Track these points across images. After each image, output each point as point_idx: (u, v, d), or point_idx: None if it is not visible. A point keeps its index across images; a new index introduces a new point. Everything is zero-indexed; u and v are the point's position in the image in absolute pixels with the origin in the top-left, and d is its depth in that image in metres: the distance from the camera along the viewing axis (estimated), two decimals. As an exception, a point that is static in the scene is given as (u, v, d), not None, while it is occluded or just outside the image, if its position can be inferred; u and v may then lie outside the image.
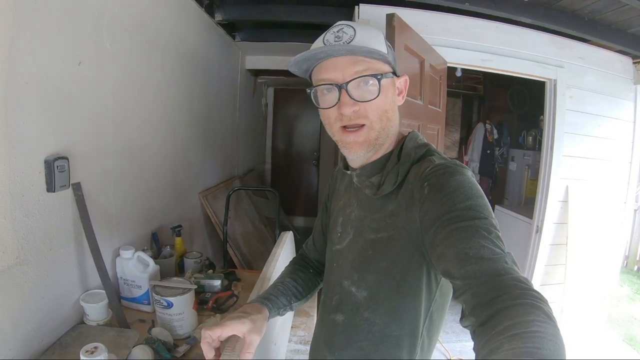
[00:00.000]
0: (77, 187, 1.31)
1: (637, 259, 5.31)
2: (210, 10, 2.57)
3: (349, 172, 0.88)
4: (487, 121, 4.61)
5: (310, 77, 0.82)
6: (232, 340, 0.77)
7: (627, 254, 5.28)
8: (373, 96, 0.74)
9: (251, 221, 3.44)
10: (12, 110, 1.05)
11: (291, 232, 1.76)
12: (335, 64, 0.74)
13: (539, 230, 2.99)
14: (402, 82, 0.83)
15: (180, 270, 1.85)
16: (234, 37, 3.27)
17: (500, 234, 0.61)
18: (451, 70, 2.80)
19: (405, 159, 0.78)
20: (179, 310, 1.34)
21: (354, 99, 0.74)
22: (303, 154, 6.24)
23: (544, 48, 2.76)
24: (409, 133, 0.84)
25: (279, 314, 0.91)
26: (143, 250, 1.57)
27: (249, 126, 4.47)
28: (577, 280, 2.93)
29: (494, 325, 0.47)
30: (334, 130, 0.79)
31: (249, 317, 0.78)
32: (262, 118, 5.56)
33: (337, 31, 0.75)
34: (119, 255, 1.50)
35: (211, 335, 0.74)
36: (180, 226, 1.96)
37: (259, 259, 2.95)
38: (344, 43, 0.73)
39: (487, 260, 0.56)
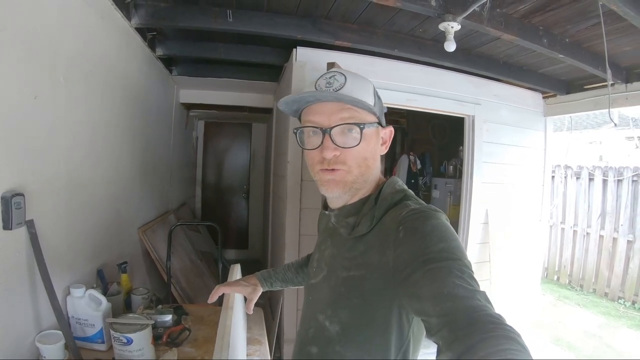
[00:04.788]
0: (30, 225, 1.27)
1: (556, 269, 5.96)
2: (152, 45, 2.59)
3: (327, 212, 0.93)
4: (411, 152, 4.87)
5: (299, 118, 0.86)
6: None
7: (546, 265, 5.88)
8: (355, 143, 0.79)
9: (188, 255, 3.36)
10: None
11: (239, 264, 1.80)
12: (323, 108, 0.79)
13: (464, 250, 3.32)
14: (387, 132, 0.87)
15: (127, 307, 1.79)
16: (170, 71, 3.27)
17: (473, 274, 0.64)
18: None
19: (382, 203, 0.81)
20: (139, 346, 1.33)
21: (335, 144, 0.78)
22: (233, 187, 6.21)
23: (463, 88, 3.06)
24: (388, 178, 0.88)
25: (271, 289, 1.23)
26: (93, 288, 1.52)
27: (181, 159, 4.41)
28: (500, 291, 3.25)
29: (470, 356, 0.49)
30: (314, 171, 0.84)
31: (250, 286, 1.17)
32: (193, 151, 5.48)
33: (329, 77, 0.80)
34: (69, 293, 1.44)
35: (225, 291, 1.13)
36: (126, 262, 1.91)
37: (199, 293, 2.89)
38: (333, 90, 0.78)
39: (462, 298, 0.58)
